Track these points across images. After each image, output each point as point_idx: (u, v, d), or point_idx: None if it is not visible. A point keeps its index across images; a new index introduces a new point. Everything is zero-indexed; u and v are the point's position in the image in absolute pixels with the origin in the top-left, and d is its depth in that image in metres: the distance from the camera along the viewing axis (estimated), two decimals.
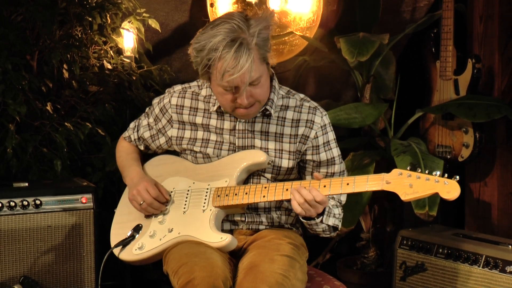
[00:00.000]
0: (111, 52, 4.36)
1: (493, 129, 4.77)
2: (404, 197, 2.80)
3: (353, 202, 4.23)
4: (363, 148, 4.73)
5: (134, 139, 3.43)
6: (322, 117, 3.18)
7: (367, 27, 4.72)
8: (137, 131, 3.42)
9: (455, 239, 4.06)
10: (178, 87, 3.29)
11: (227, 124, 3.19)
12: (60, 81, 4.25)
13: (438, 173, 2.78)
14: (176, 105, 3.25)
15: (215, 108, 3.17)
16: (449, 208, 5.12)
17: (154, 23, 4.41)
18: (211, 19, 4.70)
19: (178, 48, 4.85)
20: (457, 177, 2.77)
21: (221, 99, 3.06)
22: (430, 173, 2.79)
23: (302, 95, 3.24)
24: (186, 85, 3.30)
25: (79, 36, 4.25)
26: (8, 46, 3.98)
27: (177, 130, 3.26)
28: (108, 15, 4.29)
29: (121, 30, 4.35)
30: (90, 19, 4.21)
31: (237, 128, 3.17)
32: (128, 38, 4.36)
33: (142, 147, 3.44)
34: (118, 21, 4.35)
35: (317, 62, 4.86)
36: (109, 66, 4.33)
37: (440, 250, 4.03)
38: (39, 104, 4.04)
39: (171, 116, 3.26)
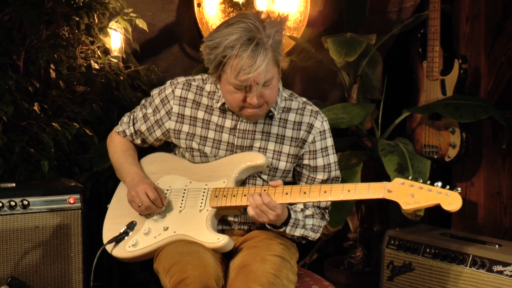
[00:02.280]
0: (98, 52, 4.35)
1: (479, 129, 4.79)
2: (405, 206, 2.80)
3: (341, 202, 4.23)
4: (350, 148, 4.74)
5: (131, 133, 3.39)
6: (322, 122, 3.20)
7: (354, 28, 4.73)
8: (133, 124, 3.37)
9: (442, 239, 4.07)
10: (182, 79, 3.26)
11: (228, 123, 3.18)
12: (47, 81, 4.23)
13: (440, 184, 2.79)
14: (180, 96, 3.22)
15: (218, 104, 3.16)
16: (436, 208, 5.13)
17: (141, 23, 4.40)
18: (198, 19, 4.70)
19: (164, 48, 4.84)
20: (459, 189, 2.78)
21: (230, 98, 3.04)
22: (432, 183, 2.80)
23: (304, 99, 3.25)
24: (190, 77, 3.27)
25: (66, 36, 4.23)
26: None
27: (175, 122, 3.23)
28: (95, 15, 4.27)
29: (109, 30, 4.33)
30: (77, 18, 4.19)
31: (238, 127, 3.17)
32: (115, 38, 4.35)
33: (138, 141, 3.40)
34: (105, 21, 4.34)
35: (304, 62, 4.86)
36: (96, 66, 4.32)
37: (428, 250, 4.04)
38: (26, 104, 4.02)
39: (171, 108, 3.23)
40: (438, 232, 4.23)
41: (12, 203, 3.52)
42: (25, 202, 3.55)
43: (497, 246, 3.92)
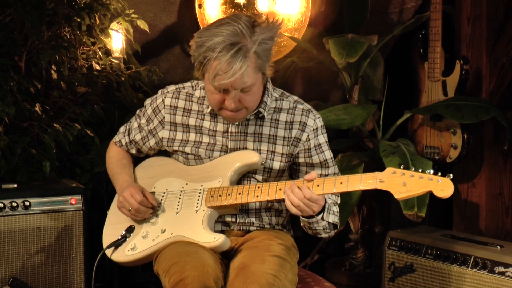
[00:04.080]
0: (99, 53, 4.35)
1: (481, 130, 4.79)
2: (397, 195, 2.78)
3: (342, 203, 4.19)
4: (352, 149, 4.74)
5: (126, 143, 3.42)
6: (315, 120, 3.18)
7: (355, 29, 4.73)
8: (128, 134, 3.40)
9: (444, 240, 4.07)
10: (171, 88, 3.27)
11: (220, 127, 3.18)
12: (48, 82, 4.23)
13: (432, 171, 2.77)
14: (170, 105, 3.23)
15: (209, 110, 3.16)
16: (437, 209, 5.14)
17: (142, 24, 4.40)
18: (199, 20, 4.70)
19: (166, 49, 4.84)
20: (451, 175, 2.77)
21: (210, 98, 3.05)
22: (423, 171, 2.78)
23: (296, 97, 3.23)
24: (180, 85, 3.28)
25: (68, 37, 4.23)
26: None
27: (168, 131, 3.25)
28: (96, 16, 4.27)
29: (110, 31, 4.33)
30: (78, 19, 4.18)
31: (230, 130, 3.16)
32: (116, 39, 4.35)
33: (134, 151, 3.42)
34: (106, 22, 4.34)
35: (306, 63, 4.86)
36: (98, 67, 4.31)
37: (429, 251, 4.04)
38: (27, 105, 4.02)
39: (164, 117, 3.24)
40: (440, 233, 4.23)
41: (14, 204, 3.53)
42: (27, 203, 3.55)
43: (498, 247, 3.92)
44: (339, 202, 3.26)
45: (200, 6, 4.70)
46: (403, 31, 4.85)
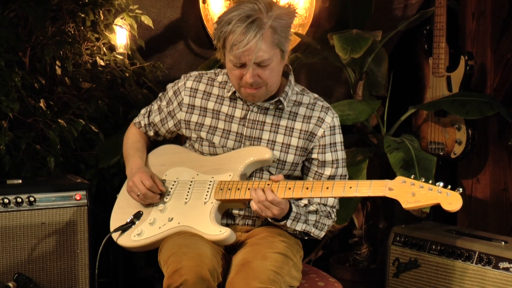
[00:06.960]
0: (104, 48, 4.35)
1: (485, 126, 4.79)
2: (405, 205, 2.79)
3: (346, 199, 4.23)
4: (356, 145, 4.73)
5: (145, 125, 3.44)
6: (333, 118, 3.21)
7: (360, 24, 4.72)
8: (148, 116, 3.43)
9: (448, 236, 4.07)
10: (195, 72, 3.33)
11: (238, 112, 3.20)
12: (52, 78, 4.23)
13: (442, 184, 2.78)
14: (191, 88, 3.27)
15: (229, 94, 3.19)
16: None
17: (147, 20, 4.40)
18: (203, 16, 4.71)
19: (170, 44, 4.84)
20: (460, 189, 2.77)
21: (230, 76, 3.09)
22: (433, 183, 2.79)
23: (316, 95, 3.28)
24: (203, 72, 3.34)
25: (72, 32, 4.23)
26: (0, 42, 3.96)
27: (185, 113, 3.27)
28: (101, 12, 4.27)
29: (114, 26, 4.34)
30: (83, 15, 4.19)
31: (248, 117, 3.19)
32: (121, 35, 4.36)
33: (151, 133, 3.44)
34: (111, 18, 4.34)
35: (310, 58, 4.86)
36: (102, 63, 4.31)
37: (433, 247, 4.04)
38: (32, 101, 4.02)
39: (183, 99, 3.27)
40: (444, 228, 4.23)
41: (19, 200, 3.54)
42: (32, 199, 3.56)
43: (503, 242, 3.92)
44: (335, 207, 3.27)
45: (204, 1, 4.71)
46: (407, 27, 4.85)
